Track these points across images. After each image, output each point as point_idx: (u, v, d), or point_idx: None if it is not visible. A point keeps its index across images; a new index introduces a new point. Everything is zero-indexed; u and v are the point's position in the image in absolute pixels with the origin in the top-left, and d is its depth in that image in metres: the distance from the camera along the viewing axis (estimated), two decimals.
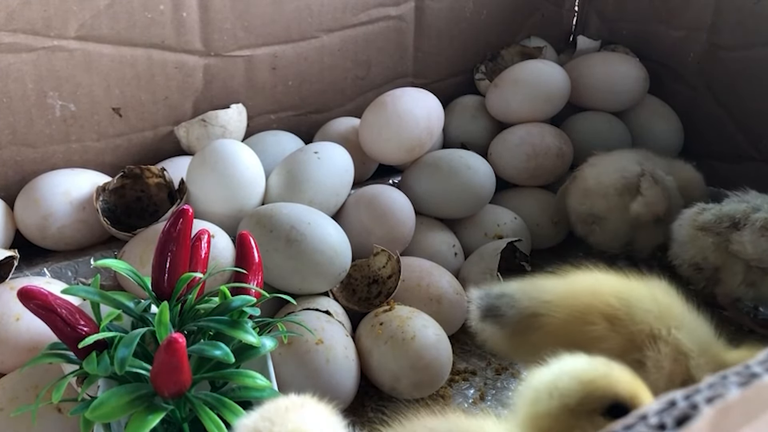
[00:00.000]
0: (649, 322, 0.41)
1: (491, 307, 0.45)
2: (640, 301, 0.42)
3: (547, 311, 0.43)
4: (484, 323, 0.46)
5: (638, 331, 0.41)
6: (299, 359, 0.51)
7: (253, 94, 0.73)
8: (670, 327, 0.40)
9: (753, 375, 0.20)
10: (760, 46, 0.74)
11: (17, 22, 0.58)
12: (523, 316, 0.44)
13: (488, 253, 0.65)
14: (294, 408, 0.30)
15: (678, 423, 0.19)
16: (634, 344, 0.40)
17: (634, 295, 0.42)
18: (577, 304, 0.43)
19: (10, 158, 0.63)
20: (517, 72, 0.78)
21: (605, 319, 0.41)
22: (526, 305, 0.44)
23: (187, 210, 0.42)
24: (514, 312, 0.44)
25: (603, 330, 0.41)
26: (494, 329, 0.45)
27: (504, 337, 0.45)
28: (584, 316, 0.42)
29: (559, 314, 0.43)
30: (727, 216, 0.58)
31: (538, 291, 0.45)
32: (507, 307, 0.45)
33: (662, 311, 0.41)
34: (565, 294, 0.44)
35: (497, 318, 0.45)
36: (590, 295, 0.43)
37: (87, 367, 0.37)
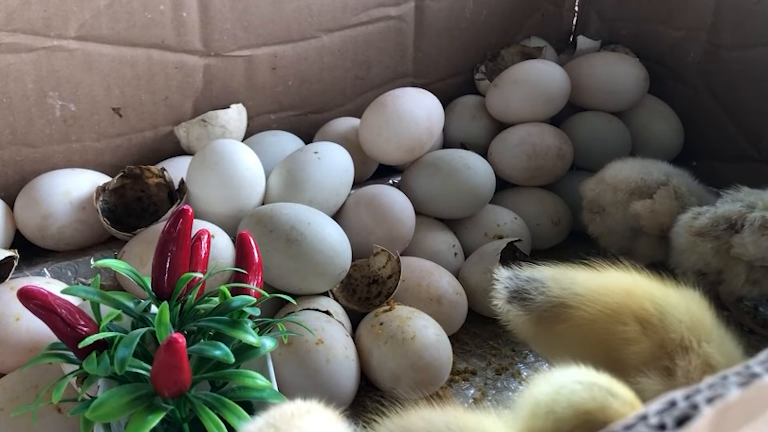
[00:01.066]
0: (681, 332, 0.40)
1: (519, 290, 0.44)
2: (674, 309, 0.41)
3: (577, 304, 0.42)
4: (510, 305, 0.45)
5: (670, 340, 0.40)
6: (299, 359, 0.51)
7: (253, 94, 0.73)
8: (701, 339, 0.39)
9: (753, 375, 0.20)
10: (760, 46, 0.74)
11: (17, 22, 0.58)
12: (552, 305, 0.43)
13: (488, 253, 0.65)
14: (300, 414, 0.29)
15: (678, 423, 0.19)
16: (664, 351, 0.40)
17: (669, 302, 0.41)
18: (609, 302, 0.42)
19: (10, 158, 0.63)
20: (517, 72, 0.78)
21: (638, 322, 0.41)
22: (556, 294, 0.43)
23: (187, 210, 0.42)
24: (542, 299, 0.43)
25: (634, 332, 0.40)
26: (519, 313, 0.44)
27: (528, 322, 0.44)
28: (616, 316, 0.41)
29: (590, 309, 0.42)
30: (723, 218, 0.57)
31: (570, 282, 0.44)
32: (536, 292, 0.44)
33: (694, 322, 0.40)
34: (599, 290, 0.43)
35: (524, 302, 0.44)
36: (625, 295, 0.42)
37: (87, 367, 0.37)
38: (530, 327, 0.45)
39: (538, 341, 0.47)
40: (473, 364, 0.60)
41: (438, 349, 0.54)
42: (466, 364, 0.60)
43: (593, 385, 0.31)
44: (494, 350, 0.62)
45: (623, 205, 0.65)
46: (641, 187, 0.65)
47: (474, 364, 0.60)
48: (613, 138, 0.79)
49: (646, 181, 0.65)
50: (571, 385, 0.31)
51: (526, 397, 0.33)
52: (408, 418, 0.36)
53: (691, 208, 0.60)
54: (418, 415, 0.36)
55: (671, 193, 0.64)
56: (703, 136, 0.82)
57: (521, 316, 0.44)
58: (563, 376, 0.32)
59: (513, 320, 0.45)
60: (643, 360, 0.40)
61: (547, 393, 0.32)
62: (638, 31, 0.87)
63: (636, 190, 0.65)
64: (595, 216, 0.68)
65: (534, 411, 0.32)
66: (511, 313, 0.45)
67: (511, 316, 0.45)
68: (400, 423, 0.36)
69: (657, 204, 0.64)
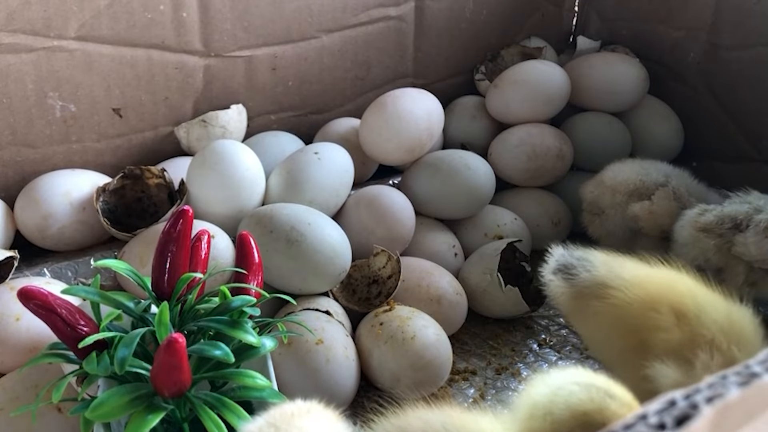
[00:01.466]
0: (714, 331, 0.40)
1: (568, 265, 0.47)
2: (713, 310, 0.42)
3: (618, 285, 0.44)
4: (555, 276, 0.47)
5: (701, 335, 0.40)
6: (299, 359, 0.51)
7: (253, 95, 0.73)
8: (732, 344, 0.40)
9: (753, 375, 0.20)
10: (760, 46, 0.74)
11: (17, 23, 0.58)
12: (594, 283, 0.45)
13: (488, 253, 0.65)
14: (300, 414, 0.29)
15: (678, 423, 0.19)
16: (692, 344, 0.40)
17: (710, 302, 0.42)
18: (650, 290, 0.43)
19: (10, 158, 0.63)
20: (517, 72, 0.78)
21: (673, 313, 0.42)
22: (600, 273, 0.45)
23: (187, 210, 0.42)
24: (586, 276, 0.46)
25: (667, 321, 0.41)
26: (562, 285, 0.47)
27: (569, 295, 0.46)
28: (653, 303, 0.42)
29: (629, 293, 0.43)
30: (729, 217, 0.57)
31: (619, 267, 0.46)
32: (583, 269, 0.46)
33: (732, 328, 0.41)
34: (643, 277, 0.44)
35: (569, 275, 0.46)
36: (666, 287, 0.43)
37: (87, 367, 0.38)
38: (569, 300, 0.47)
39: (573, 314, 0.49)
40: (473, 364, 0.60)
41: (438, 349, 0.54)
42: (466, 364, 0.60)
43: (591, 387, 0.31)
44: (494, 350, 0.62)
45: (622, 207, 0.65)
46: (640, 189, 0.65)
47: (474, 364, 0.60)
48: (613, 138, 0.79)
49: (645, 182, 0.65)
50: (569, 386, 0.31)
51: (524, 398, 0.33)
52: (405, 417, 0.36)
53: (699, 205, 0.61)
54: (416, 415, 0.36)
55: (670, 194, 0.63)
56: (703, 136, 0.82)
57: (563, 288, 0.47)
58: (560, 378, 0.32)
59: (555, 291, 0.47)
60: (669, 349, 0.40)
61: (545, 394, 0.32)
62: (638, 31, 0.87)
63: (635, 191, 0.65)
64: (594, 218, 0.68)
65: (531, 412, 0.32)
66: (553, 284, 0.47)
67: (553, 287, 0.47)
68: (397, 423, 0.36)
69: (655, 205, 0.64)
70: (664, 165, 0.67)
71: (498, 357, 0.61)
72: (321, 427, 0.29)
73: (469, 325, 0.63)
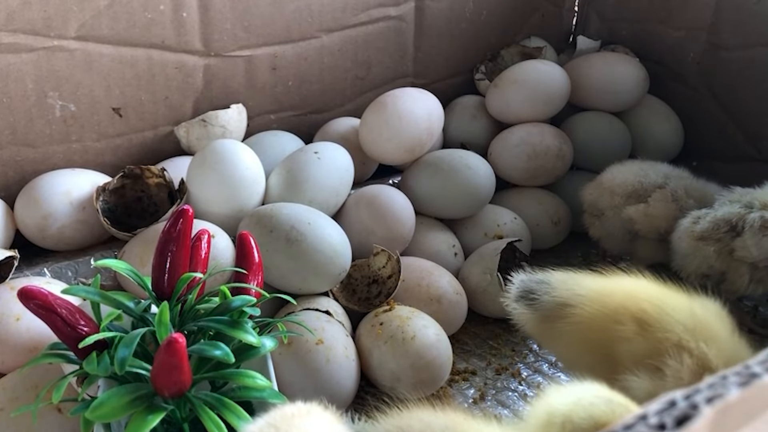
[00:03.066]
0: (678, 332, 0.40)
1: (528, 290, 0.47)
2: (674, 311, 0.41)
3: (577, 303, 0.44)
4: (518, 303, 0.47)
5: (665, 338, 0.40)
6: (299, 359, 0.51)
7: (253, 94, 0.73)
8: (699, 341, 0.40)
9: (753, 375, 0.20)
10: (760, 46, 0.74)
11: (17, 22, 0.58)
12: (555, 304, 0.45)
13: (488, 253, 0.65)
14: (300, 415, 0.29)
15: (678, 423, 0.19)
16: (657, 350, 0.40)
17: (670, 303, 0.42)
18: (609, 302, 0.43)
19: (10, 158, 0.63)
20: (517, 72, 0.78)
21: (635, 322, 0.42)
22: (559, 294, 0.46)
23: (187, 210, 0.42)
24: (547, 299, 0.46)
25: (630, 332, 0.41)
26: (526, 311, 0.47)
27: (534, 320, 0.47)
28: (614, 315, 0.42)
29: (589, 309, 0.44)
30: (724, 221, 0.57)
31: (575, 284, 0.46)
32: (543, 293, 0.46)
33: (696, 325, 0.41)
34: (600, 291, 0.44)
35: (531, 301, 0.47)
36: (625, 296, 0.43)
37: (87, 367, 0.37)
38: (535, 325, 0.47)
39: (543, 338, 0.50)
40: (473, 364, 0.60)
41: (438, 349, 0.54)
42: (466, 364, 0.60)
43: (611, 401, 0.31)
44: (494, 350, 0.62)
45: (620, 209, 0.65)
46: (638, 191, 0.65)
47: (474, 364, 0.60)
48: (613, 138, 0.79)
49: (643, 184, 0.65)
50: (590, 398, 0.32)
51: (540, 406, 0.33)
52: (405, 418, 0.36)
53: (690, 213, 0.60)
54: (416, 417, 0.36)
55: (667, 196, 0.63)
56: (703, 136, 0.82)
57: (527, 314, 0.47)
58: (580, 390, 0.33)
59: (520, 318, 0.48)
60: (636, 359, 0.40)
61: (565, 403, 0.32)
62: (638, 31, 0.87)
63: (633, 193, 0.65)
64: (594, 220, 0.69)
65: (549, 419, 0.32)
66: (517, 311, 0.48)
67: (518, 314, 0.48)
68: (397, 423, 0.36)
69: (651, 208, 0.63)
70: (664, 166, 0.67)
71: (498, 357, 0.61)
72: (321, 428, 0.29)
73: (469, 325, 0.63)
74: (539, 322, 0.47)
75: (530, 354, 0.61)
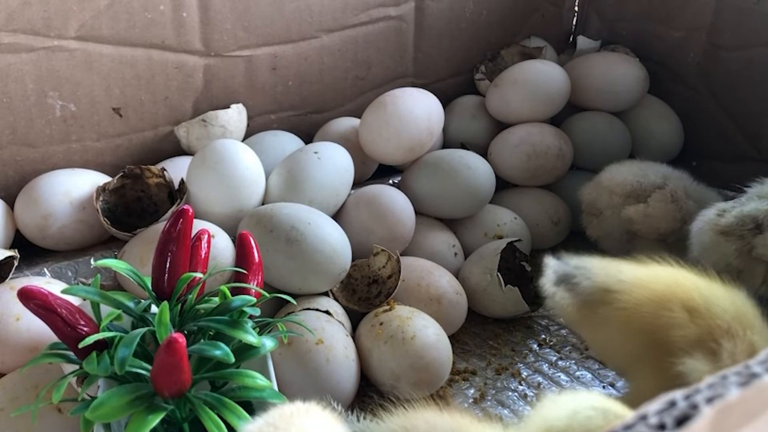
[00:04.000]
0: (728, 321, 0.40)
1: (568, 275, 0.46)
2: (720, 300, 0.41)
3: (621, 289, 0.43)
4: (557, 288, 0.46)
5: (717, 327, 0.40)
6: (299, 359, 0.51)
7: (253, 94, 0.73)
8: (746, 329, 0.40)
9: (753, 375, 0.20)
10: (760, 46, 0.74)
11: (17, 22, 0.58)
12: (597, 289, 0.44)
13: (488, 253, 0.65)
14: (299, 414, 0.29)
15: (678, 423, 0.19)
16: (711, 336, 0.40)
17: (715, 293, 0.42)
18: (656, 289, 0.42)
19: (10, 158, 0.63)
20: (517, 72, 0.78)
21: (685, 310, 0.41)
22: (602, 279, 0.44)
23: (187, 210, 0.42)
24: (588, 283, 0.45)
25: (681, 318, 0.41)
26: (566, 296, 0.45)
27: (573, 306, 0.45)
28: (663, 302, 0.42)
29: (636, 294, 0.43)
30: (750, 217, 0.55)
31: (617, 270, 0.45)
32: (583, 277, 0.45)
33: (739, 314, 0.41)
34: (645, 278, 0.44)
35: (571, 285, 0.45)
36: (672, 283, 0.43)
37: (87, 367, 0.37)
38: (575, 311, 0.46)
39: (581, 325, 0.48)
40: (473, 364, 0.60)
41: (438, 349, 0.54)
42: (466, 364, 0.60)
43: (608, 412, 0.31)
44: (494, 350, 0.62)
45: (619, 209, 0.65)
46: (637, 191, 0.65)
47: (474, 364, 0.60)
48: (613, 138, 0.79)
49: (642, 184, 0.65)
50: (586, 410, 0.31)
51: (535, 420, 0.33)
52: (410, 419, 0.36)
53: (715, 204, 0.58)
54: (422, 418, 0.36)
55: (667, 196, 0.63)
56: (703, 136, 0.82)
57: (567, 299, 0.45)
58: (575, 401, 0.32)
59: (559, 303, 0.46)
60: (690, 343, 0.40)
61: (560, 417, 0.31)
62: (638, 31, 0.87)
63: (632, 193, 0.65)
64: (593, 219, 0.68)
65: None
66: (557, 296, 0.46)
67: (557, 299, 0.46)
68: (402, 423, 0.36)
69: (651, 208, 0.63)
70: (663, 166, 0.67)
71: (498, 357, 0.61)
72: (320, 427, 0.29)
73: (469, 325, 0.63)
74: (579, 307, 0.45)
75: (530, 354, 0.61)
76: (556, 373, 0.59)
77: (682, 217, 0.63)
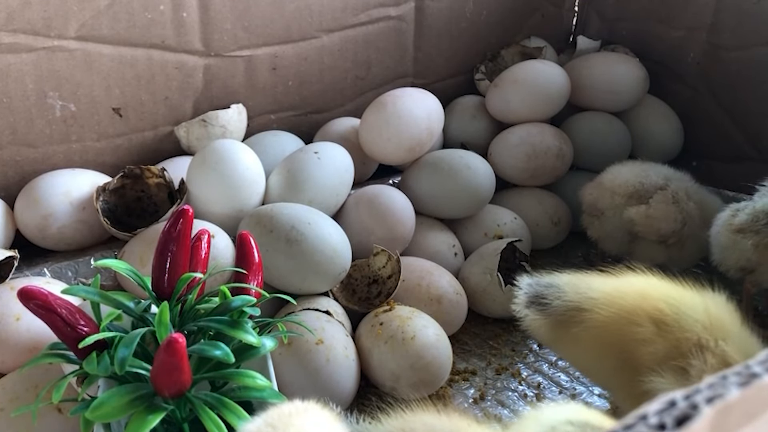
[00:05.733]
0: (697, 332, 0.40)
1: (538, 295, 0.45)
2: (690, 309, 0.41)
3: (591, 307, 0.43)
4: (528, 310, 0.46)
5: (685, 339, 0.40)
6: (299, 359, 0.51)
7: (253, 94, 0.73)
8: (718, 339, 0.39)
9: (753, 375, 0.20)
10: (760, 46, 0.74)
11: (17, 22, 0.58)
12: (568, 309, 0.44)
13: (488, 253, 0.65)
14: (298, 414, 0.29)
15: (678, 423, 0.19)
16: (679, 351, 0.39)
17: (685, 302, 0.41)
18: (624, 304, 0.42)
19: (10, 158, 0.63)
20: (517, 72, 0.78)
21: (652, 323, 0.41)
22: (571, 298, 0.44)
23: (187, 210, 0.42)
24: (559, 303, 0.44)
25: (649, 333, 0.40)
26: (537, 317, 0.45)
27: (546, 326, 0.45)
28: (630, 317, 0.41)
29: (604, 312, 0.42)
30: (763, 212, 0.56)
31: (587, 287, 0.44)
32: (553, 297, 0.45)
33: (712, 322, 0.40)
34: (613, 293, 0.43)
35: (542, 306, 0.45)
36: (639, 297, 0.42)
37: (87, 367, 0.37)
38: (548, 331, 0.45)
39: (556, 344, 0.48)
40: (473, 364, 0.60)
41: (438, 349, 0.54)
42: (466, 364, 0.60)
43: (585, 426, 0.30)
44: (494, 350, 0.62)
45: (621, 210, 0.65)
46: (639, 191, 0.65)
47: (474, 364, 0.60)
48: (613, 138, 0.79)
49: (644, 185, 0.65)
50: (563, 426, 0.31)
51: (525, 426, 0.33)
52: (408, 421, 0.36)
53: (729, 206, 0.59)
54: (420, 420, 0.36)
55: (668, 198, 0.63)
56: (703, 136, 0.82)
57: (539, 320, 0.45)
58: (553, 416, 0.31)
59: (531, 324, 0.46)
60: (658, 360, 0.39)
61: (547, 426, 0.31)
62: (638, 31, 0.87)
63: (634, 194, 0.65)
64: (594, 220, 0.68)
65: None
66: (528, 318, 0.46)
67: (529, 320, 0.46)
68: (399, 425, 0.36)
69: (653, 209, 0.63)
70: (665, 168, 0.67)
71: (498, 357, 0.61)
72: (319, 427, 0.29)
73: (469, 325, 0.63)
74: (552, 327, 0.45)
75: (530, 354, 0.61)
76: (556, 373, 0.59)
77: (683, 218, 0.63)
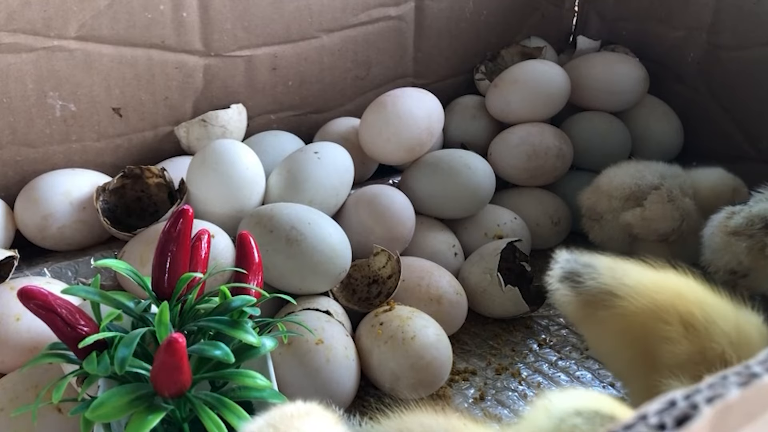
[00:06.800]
0: (723, 345, 0.39)
1: (574, 272, 0.45)
2: (722, 320, 0.40)
3: (624, 294, 0.43)
4: (562, 284, 0.45)
5: (711, 349, 0.39)
6: (299, 359, 0.51)
7: (253, 94, 0.73)
8: (742, 358, 0.38)
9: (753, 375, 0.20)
10: (760, 46, 0.74)
11: (17, 22, 0.58)
12: (600, 291, 0.44)
13: (488, 253, 0.65)
14: (299, 415, 0.29)
15: (678, 423, 0.19)
16: (703, 358, 0.39)
17: (719, 313, 0.41)
18: (657, 299, 0.42)
19: (10, 158, 0.63)
20: (517, 72, 0.78)
21: (681, 324, 0.40)
22: (606, 282, 0.44)
23: (187, 210, 0.42)
24: (592, 284, 0.44)
25: (675, 333, 0.40)
26: (569, 293, 0.45)
27: (575, 304, 0.45)
28: (661, 313, 0.41)
29: (636, 302, 0.42)
30: (759, 217, 0.56)
31: (623, 273, 0.44)
32: (588, 277, 0.44)
33: (740, 340, 0.40)
34: (649, 285, 0.43)
35: (575, 284, 0.45)
36: (674, 295, 0.42)
37: (87, 367, 0.38)
38: (575, 309, 0.45)
39: (581, 323, 0.47)
40: (473, 364, 0.60)
41: (438, 349, 0.54)
42: (466, 364, 0.60)
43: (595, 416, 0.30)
44: (494, 350, 0.62)
45: (618, 212, 0.65)
46: (636, 193, 0.65)
47: (474, 364, 0.60)
48: (613, 138, 0.79)
49: (640, 186, 0.65)
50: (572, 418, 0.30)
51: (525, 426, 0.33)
52: (406, 421, 0.36)
53: (725, 207, 0.59)
54: (417, 420, 0.36)
55: (663, 197, 0.63)
56: (703, 136, 0.82)
57: (569, 297, 0.45)
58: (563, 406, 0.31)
59: (560, 299, 0.46)
60: (678, 361, 0.39)
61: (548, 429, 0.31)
62: (638, 31, 0.86)
63: (631, 195, 0.65)
64: (594, 224, 0.69)
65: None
66: (559, 292, 0.46)
67: (560, 295, 0.46)
68: (397, 426, 0.36)
69: (648, 211, 0.63)
70: (660, 165, 0.67)
71: (498, 357, 0.61)
72: (320, 428, 0.29)
73: (469, 325, 0.63)
74: (581, 306, 0.45)
75: (530, 354, 0.61)
76: (556, 373, 0.59)
77: (680, 215, 0.63)
